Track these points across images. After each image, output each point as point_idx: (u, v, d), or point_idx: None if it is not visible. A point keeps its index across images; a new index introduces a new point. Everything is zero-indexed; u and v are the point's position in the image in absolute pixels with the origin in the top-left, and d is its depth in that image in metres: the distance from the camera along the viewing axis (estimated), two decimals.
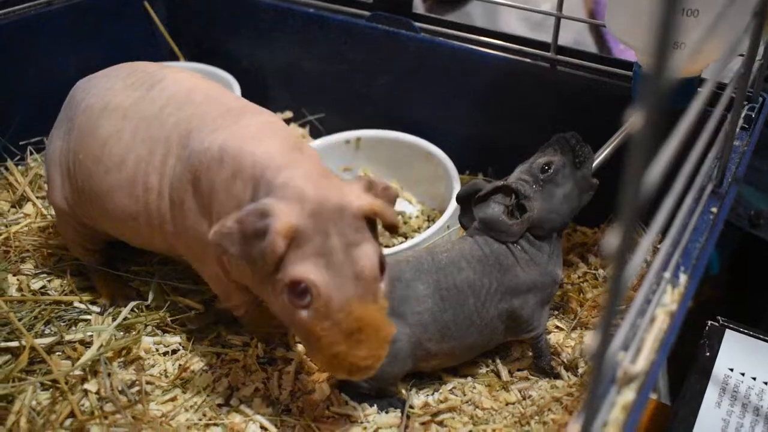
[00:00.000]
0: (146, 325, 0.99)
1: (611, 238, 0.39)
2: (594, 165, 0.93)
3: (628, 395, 0.57)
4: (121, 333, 0.97)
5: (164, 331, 0.99)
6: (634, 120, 0.36)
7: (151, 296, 1.03)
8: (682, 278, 0.70)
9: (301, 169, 0.75)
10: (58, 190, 0.99)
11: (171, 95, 0.90)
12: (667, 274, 0.68)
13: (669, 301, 0.67)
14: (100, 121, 0.92)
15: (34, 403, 0.86)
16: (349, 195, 0.74)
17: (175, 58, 1.57)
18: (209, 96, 0.89)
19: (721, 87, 0.98)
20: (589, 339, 0.95)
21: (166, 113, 0.88)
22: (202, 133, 0.84)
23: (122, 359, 0.94)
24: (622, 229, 0.39)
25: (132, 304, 1.01)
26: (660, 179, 0.39)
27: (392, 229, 0.77)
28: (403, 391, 0.92)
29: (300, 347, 0.96)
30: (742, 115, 0.92)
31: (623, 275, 0.40)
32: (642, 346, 0.62)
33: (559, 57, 1.18)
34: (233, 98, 0.91)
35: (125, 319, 0.99)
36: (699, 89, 0.94)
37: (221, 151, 0.80)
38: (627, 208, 0.38)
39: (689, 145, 0.54)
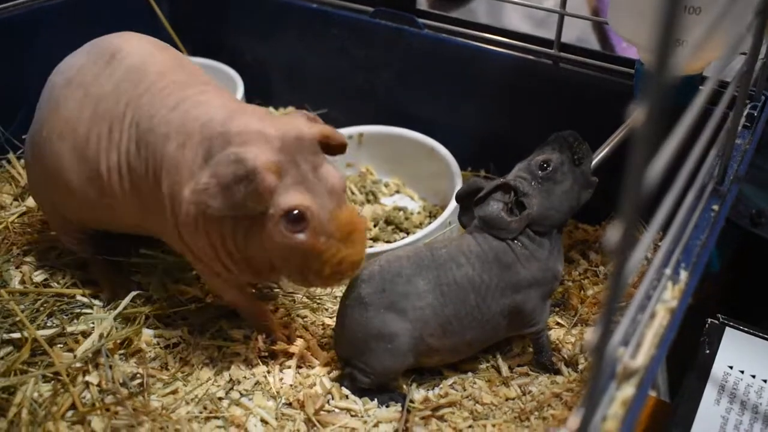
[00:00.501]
0: (147, 316, 0.98)
1: (612, 234, 0.39)
2: (595, 162, 0.93)
3: (628, 390, 0.57)
4: (123, 325, 0.98)
5: (165, 324, 0.99)
6: (635, 117, 0.36)
7: (152, 288, 1.03)
8: (683, 275, 0.70)
9: (249, 115, 0.81)
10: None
11: (127, 69, 0.90)
12: (668, 271, 0.69)
13: (669, 297, 0.67)
14: (62, 97, 0.92)
15: (35, 395, 0.86)
16: (301, 125, 0.81)
17: None
18: (163, 68, 0.90)
19: (723, 85, 0.98)
20: (590, 335, 0.95)
21: (122, 89, 0.89)
22: (151, 110, 0.86)
23: (123, 351, 0.94)
24: (623, 225, 0.39)
25: (132, 294, 1.00)
26: (661, 176, 0.40)
27: (342, 149, 0.86)
28: (404, 386, 0.92)
29: (300, 341, 0.96)
30: (744, 113, 0.93)
31: (624, 271, 0.41)
32: (642, 342, 0.62)
33: (563, 54, 1.18)
34: (184, 70, 0.92)
35: (126, 309, 0.99)
36: (701, 87, 0.95)
37: (166, 126, 0.83)
38: (628, 205, 0.38)
39: (691, 142, 0.54)
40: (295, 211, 0.78)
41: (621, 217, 0.39)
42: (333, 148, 0.86)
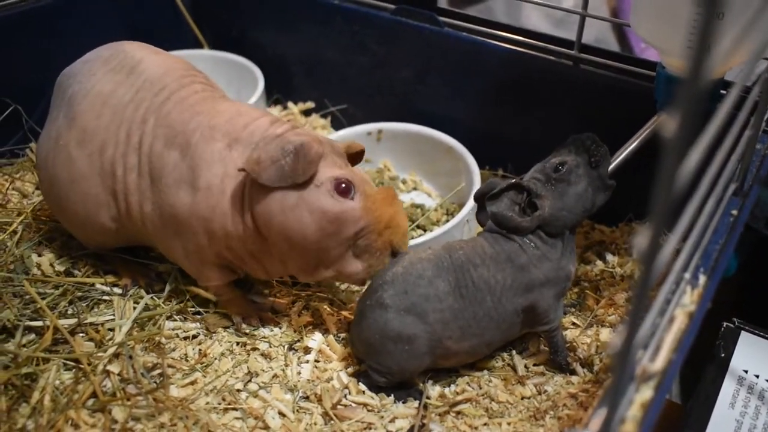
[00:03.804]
0: (169, 314, 1.00)
1: (641, 239, 0.40)
2: (614, 165, 0.93)
3: (646, 393, 0.58)
4: (144, 318, 0.99)
5: (185, 317, 1.00)
6: (659, 121, 0.37)
7: (168, 288, 1.04)
8: (702, 279, 0.70)
9: (288, 125, 0.92)
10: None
11: (146, 79, 0.96)
12: (687, 275, 0.69)
13: (688, 301, 0.68)
14: (82, 107, 0.95)
15: (57, 382, 0.88)
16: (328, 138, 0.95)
17: (199, 46, 1.58)
18: (183, 79, 0.96)
19: (741, 89, 0.98)
20: (610, 336, 0.96)
21: (140, 97, 0.95)
22: (184, 115, 0.92)
23: (144, 344, 0.95)
24: (652, 230, 0.39)
25: (147, 297, 1.02)
26: (689, 181, 0.40)
27: (360, 156, 0.99)
28: (420, 383, 0.93)
29: (319, 336, 0.97)
30: (765, 118, 0.93)
31: (651, 275, 0.41)
32: (661, 345, 0.63)
33: (583, 55, 1.18)
34: (204, 81, 0.99)
35: (146, 308, 1.00)
36: (722, 92, 0.95)
37: (211, 130, 0.90)
38: (659, 210, 0.38)
39: (712, 148, 0.55)
40: (343, 184, 0.87)
41: (650, 222, 0.39)
42: (353, 157, 0.97)
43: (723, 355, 0.92)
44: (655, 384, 0.59)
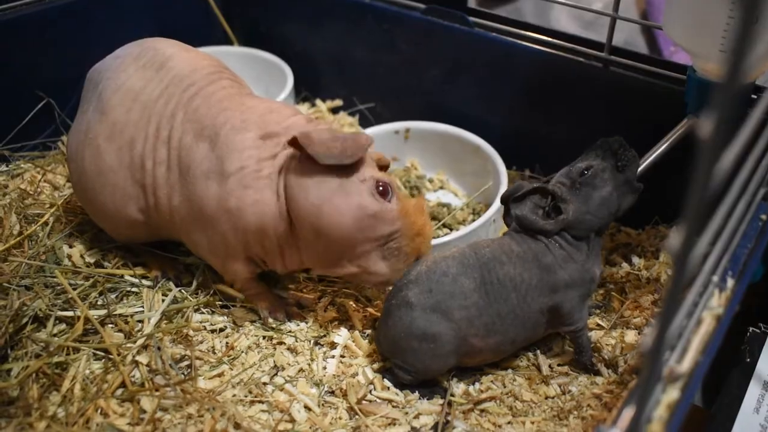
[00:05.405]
0: (196, 307, 1.01)
1: (674, 239, 0.40)
2: (642, 167, 0.93)
3: (673, 394, 0.58)
4: (172, 310, 1.00)
5: (212, 311, 1.01)
6: (689, 124, 0.37)
7: (196, 281, 1.05)
8: (730, 283, 0.70)
9: (324, 124, 0.94)
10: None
11: (175, 75, 0.98)
12: (716, 278, 0.69)
13: (716, 304, 0.68)
14: (112, 102, 0.97)
15: (87, 371, 0.89)
16: None
17: (230, 43, 1.59)
18: (211, 76, 0.99)
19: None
20: (635, 338, 0.96)
21: (169, 92, 0.97)
22: (212, 110, 0.94)
23: (172, 336, 0.96)
24: (686, 229, 0.39)
25: (176, 290, 1.03)
26: (721, 184, 0.40)
27: (385, 170, 0.98)
28: (445, 381, 0.94)
29: (345, 331, 0.98)
30: None
31: (683, 275, 0.41)
32: (688, 347, 0.63)
33: (613, 57, 1.18)
34: (231, 78, 1.02)
35: (174, 301, 1.02)
36: (753, 96, 0.94)
37: (243, 122, 0.92)
38: (693, 210, 0.39)
39: (743, 152, 0.55)
40: (381, 186, 0.89)
41: (683, 222, 0.39)
42: (380, 169, 0.97)
43: (748, 360, 0.92)
44: (682, 385, 0.59)
